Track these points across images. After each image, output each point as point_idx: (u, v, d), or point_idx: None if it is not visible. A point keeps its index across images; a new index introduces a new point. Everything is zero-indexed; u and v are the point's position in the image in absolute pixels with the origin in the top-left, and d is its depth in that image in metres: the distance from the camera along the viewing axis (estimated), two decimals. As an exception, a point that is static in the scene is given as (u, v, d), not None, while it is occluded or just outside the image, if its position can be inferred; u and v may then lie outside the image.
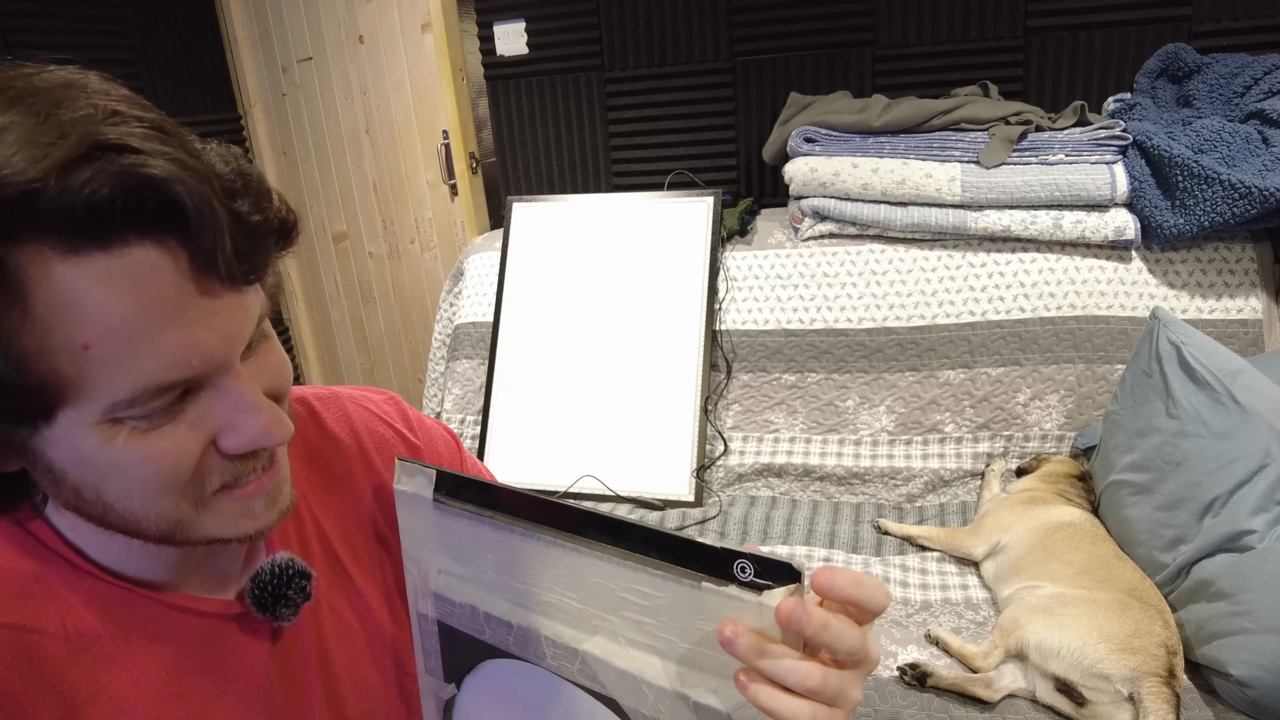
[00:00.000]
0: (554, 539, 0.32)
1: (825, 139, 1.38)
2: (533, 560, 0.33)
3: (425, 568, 0.38)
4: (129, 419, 0.30)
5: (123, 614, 0.36)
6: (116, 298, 0.28)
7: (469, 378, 1.51)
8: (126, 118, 0.28)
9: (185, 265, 0.29)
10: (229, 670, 0.39)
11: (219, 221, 0.29)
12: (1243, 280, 1.23)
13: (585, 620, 0.32)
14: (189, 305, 0.29)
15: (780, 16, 1.59)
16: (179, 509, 0.33)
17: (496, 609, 0.35)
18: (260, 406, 0.33)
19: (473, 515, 0.35)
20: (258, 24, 2.07)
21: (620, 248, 1.46)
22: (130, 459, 0.31)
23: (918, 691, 0.88)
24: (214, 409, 0.32)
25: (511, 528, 0.33)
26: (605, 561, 0.30)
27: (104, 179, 0.26)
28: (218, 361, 0.31)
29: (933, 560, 1.14)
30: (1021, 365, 1.27)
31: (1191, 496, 0.93)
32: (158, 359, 0.29)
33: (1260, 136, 1.19)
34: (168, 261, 0.29)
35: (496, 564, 0.34)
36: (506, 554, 0.34)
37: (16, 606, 0.33)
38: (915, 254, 1.34)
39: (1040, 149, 1.28)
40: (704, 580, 0.28)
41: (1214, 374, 0.95)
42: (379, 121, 2.05)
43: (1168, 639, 0.85)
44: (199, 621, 0.38)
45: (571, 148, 1.80)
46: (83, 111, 0.27)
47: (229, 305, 0.31)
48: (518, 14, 1.73)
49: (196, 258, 0.29)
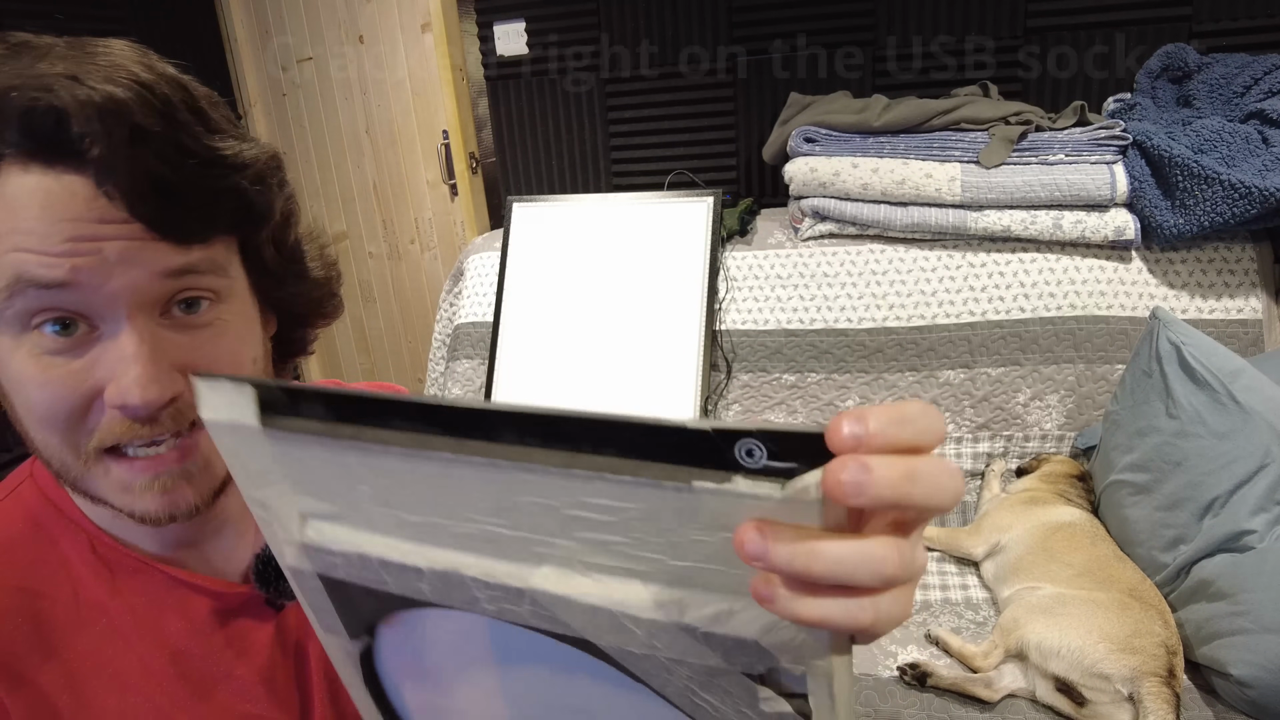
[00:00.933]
0: (452, 455, 0.21)
1: (825, 139, 1.38)
2: (426, 485, 0.23)
3: (279, 513, 0.27)
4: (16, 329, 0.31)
5: (131, 587, 0.37)
6: (29, 202, 0.30)
7: (469, 378, 1.51)
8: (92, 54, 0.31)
9: (93, 193, 0.31)
10: (232, 653, 0.39)
11: (115, 160, 0.30)
12: (1243, 280, 1.23)
13: (525, 548, 0.23)
14: (81, 222, 0.31)
15: (780, 16, 1.59)
16: (63, 450, 0.33)
17: (394, 553, 0.25)
18: (138, 359, 0.32)
19: (326, 440, 0.23)
20: (257, 23, 2.06)
21: (620, 248, 1.46)
22: (23, 375, 0.32)
23: (918, 691, 0.88)
24: (106, 357, 0.32)
25: (385, 448, 0.22)
26: (537, 474, 0.20)
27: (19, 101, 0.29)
28: (102, 292, 0.31)
29: (933, 560, 1.14)
30: (1021, 365, 1.27)
31: (1191, 496, 0.93)
32: (29, 254, 0.30)
33: (1260, 136, 1.19)
34: (87, 189, 0.30)
35: (377, 496, 0.24)
36: (389, 483, 0.23)
37: (32, 571, 0.34)
38: (915, 254, 1.34)
39: (1040, 149, 1.28)
40: (695, 478, 0.19)
41: (1214, 374, 0.95)
42: (379, 121, 2.05)
43: (1168, 639, 0.86)
44: (204, 600, 0.38)
45: (571, 148, 1.80)
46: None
47: (136, 249, 0.31)
48: (518, 14, 1.73)
49: (99, 185, 0.30)
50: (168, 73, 0.33)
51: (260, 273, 0.39)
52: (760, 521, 0.18)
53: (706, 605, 0.21)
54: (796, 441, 0.18)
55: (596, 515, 0.21)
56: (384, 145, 2.07)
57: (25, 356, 0.32)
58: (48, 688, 0.34)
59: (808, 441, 0.18)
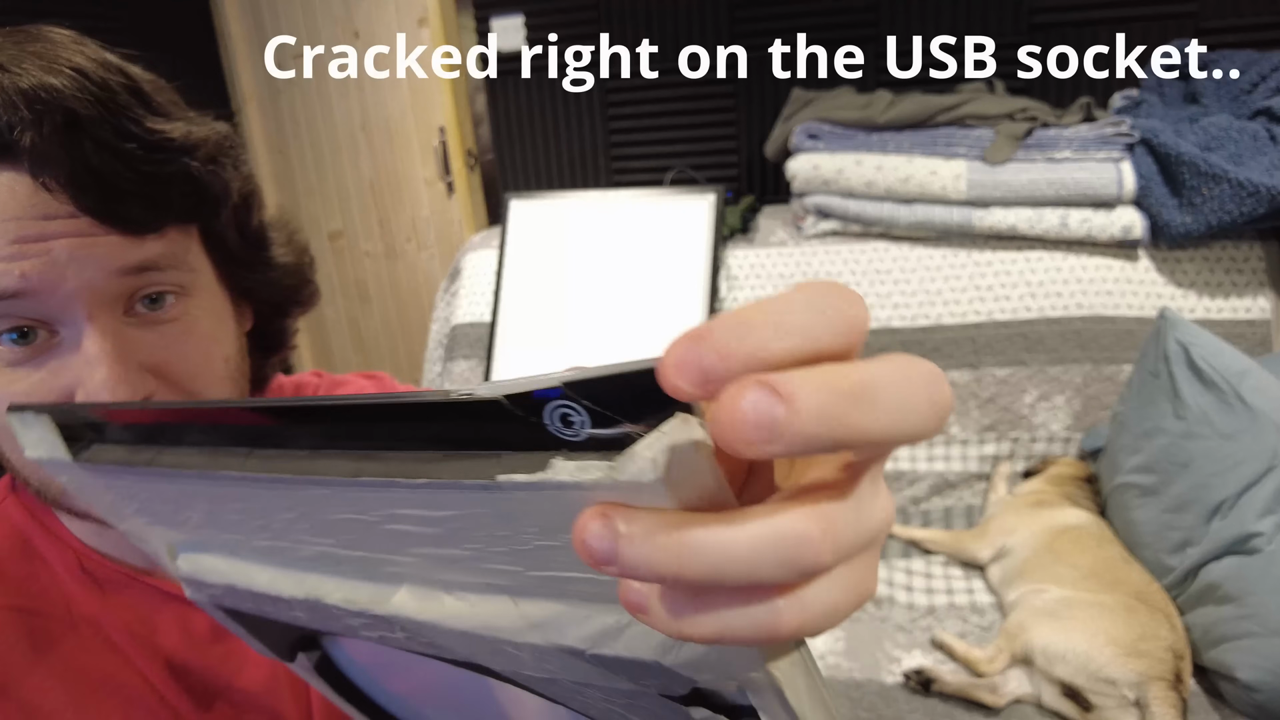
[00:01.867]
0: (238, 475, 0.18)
1: (829, 135, 1.36)
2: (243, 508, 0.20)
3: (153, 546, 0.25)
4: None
5: (123, 602, 0.36)
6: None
7: (466, 378, 1.50)
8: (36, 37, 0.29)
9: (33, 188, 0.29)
10: (232, 664, 0.38)
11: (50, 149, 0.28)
12: (1251, 280, 1.22)
13: (375, 568, 0.19)
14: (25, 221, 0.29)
15: (783, 12, 1.57)
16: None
17: (259, 581, 0.22)
18: (101, 359, 0.30)
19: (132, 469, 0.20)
20: (252, 19, 2.04)
21: (620, 246, 1.45)
22: None
23: (922, 697, 0.87)
24: (70, 362, 0.31)
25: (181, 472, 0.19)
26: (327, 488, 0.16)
27: None
28: (57, 295, 0.30)
29: (938, 564, 1.13)
30: (1028, 365, 1.26)
31: (1199, 498, 0.92)
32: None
33: (1268, 134, 1.18)
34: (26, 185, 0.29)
35: (212, 521, 0.21)
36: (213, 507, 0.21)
37: (24, 588, 0.34)
38: (920, 252, 1.33)
39: (1046, 146, 1.27)
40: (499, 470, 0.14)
41: (1222, 375, 0.94)
42: (375, 119, 2.03)
43: (1175, 643, 0.85)
44: (200, 613, 0.37)
45: (570, 144, 1.79)
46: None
47: (87, 245, 0.30)
48: (516, 8, 1.71)
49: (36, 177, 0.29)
50: (107, 59, 0.31)
51: (225, 261, 0.37)
52: (603, 508, 0.13)
53: (586, 622, 0.16)
54: (622, 391, 0.12)
55: (416, 528, 0.16)
56: (380, 143, 2.05)
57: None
58: (49, 707, 0.33)
59: (637, 388, 0.12)
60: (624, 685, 0.18)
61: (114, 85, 0.30)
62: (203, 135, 0.33)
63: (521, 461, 0.13)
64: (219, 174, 0.34)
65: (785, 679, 0.14)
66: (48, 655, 0.33)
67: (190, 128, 0.32)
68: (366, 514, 0.17)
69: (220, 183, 0.34)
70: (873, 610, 1.04)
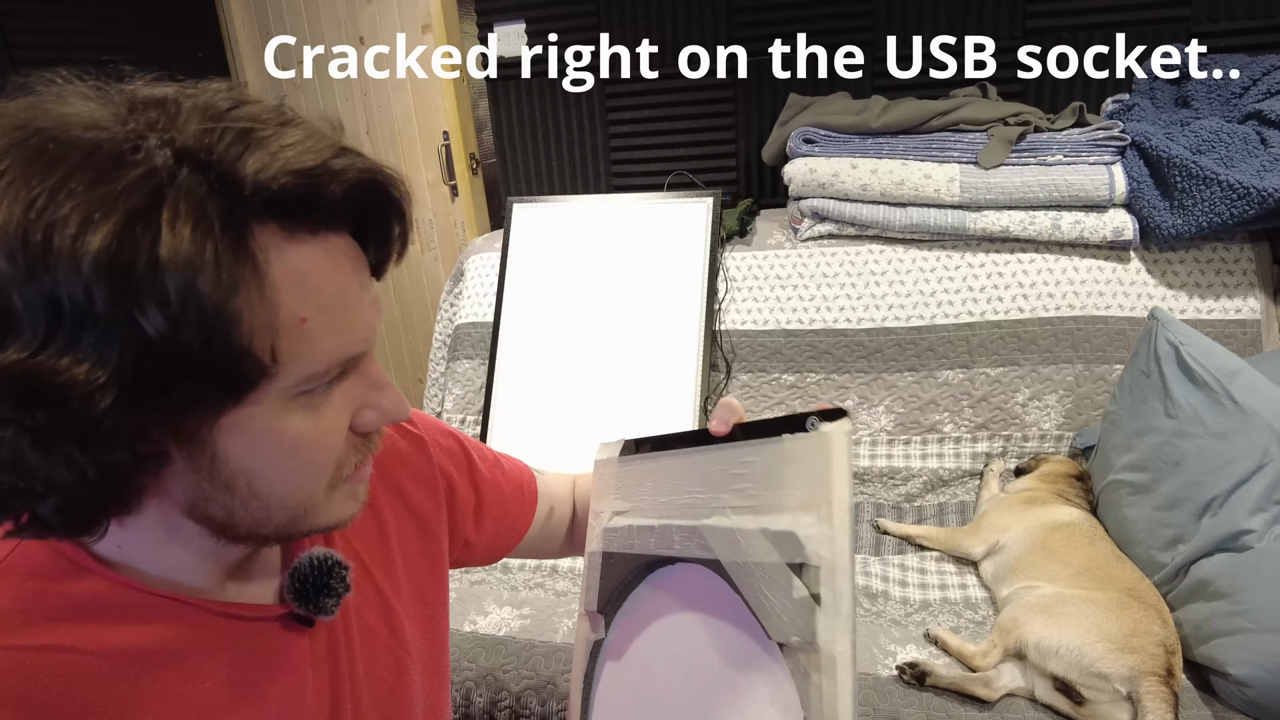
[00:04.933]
0: (693, 450, 0.44)
1: (824, 140, 1.38)
2: (678, 473, 0.44)
3: (601, 516, 0.48)
4: (307, 394, 0.32)
5: (167, 626, 0.36)
6: (329, 276, 0.32)
7: (469, 378, 1.52)
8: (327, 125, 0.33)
9: (357, 253, 0.34)
10: (270, 673, 0.39)
11: (410, 220, 0.34)
12: (1241, 280, 1.23)
13: (706, 507, 0.41)
14: (362, 288, 0.34)
15: (780, 18, 1.59)
16: (317, 493, 0.35)
17: (645, 521, 0.45)
18: (391, 385, 0.36)
19: (645, 457, 0.47)
20: (258, 24, 2.07)
21: (620, 248, 1.46)
22: (299, 437, 0.33)
23: (916, 690, 0.88)
24: (355, 388, 0.35)
25: (671, 454, 0.45)
26: (722, 450, 0.42)
27: (353, 174, 0.31)
28: (372, 342, 0.35)
29: (931, 560, 1.14)
30: (1020, 365, 1.27)
31: (1190, 496, 0.93)
32: (349, 333, 0.33)
33: (1258, 137, 1.19)
34: (352, 249, 0.33)
35: (652, 488, 0.45)
36: (659, 477, 0.45)
37: (50, 629, 0.33)
38: (914, 254, 1.34)
39: (1039, 150, 1.28)
40: (785, 435, 0.38)
41: (1212, 374, 0.95)
42: (379, 122, 2.06)
43: (1166, 638, 0.86)
44: (244, 626, 0.38)
45: (571, 149, 1.81)
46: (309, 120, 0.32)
47: (374, 292, 0.35)
48: (518, 15, 1.74)
49: (380, 248, 0.34)
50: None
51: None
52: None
53: (777, 517, 0.37)
54: (831, 412, 0.37)
55: (743, 470, 0.40)
56: (384, 146, 2.07)
57: (299, 419, 0.32)
58: None
59: (834, 412, 0.37)
60: (774, 558, 0.37)
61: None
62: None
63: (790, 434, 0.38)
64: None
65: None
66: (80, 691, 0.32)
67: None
68: (726, 464, 0.41)
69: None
70: (868, 605, 1.05)
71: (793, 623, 0.34)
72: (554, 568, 1.19)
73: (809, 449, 0.37)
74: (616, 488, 0.48)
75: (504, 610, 1.09)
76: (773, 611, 0.36)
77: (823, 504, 0.35)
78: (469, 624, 1.06)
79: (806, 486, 0.36)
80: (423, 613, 0.49)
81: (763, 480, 0.38)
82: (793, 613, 0.34)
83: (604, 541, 0.47)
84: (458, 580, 1.19)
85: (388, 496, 0.48)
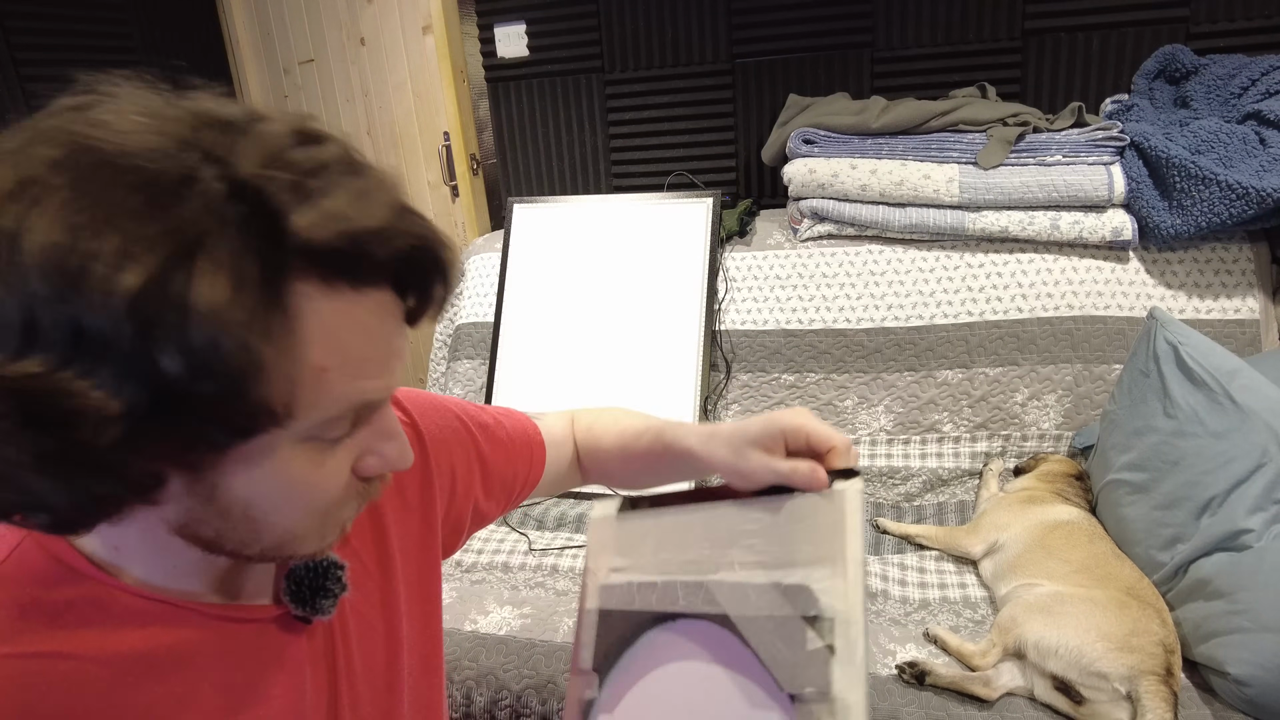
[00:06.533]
0: (698, 508, 0.44)
1: (824, 140, 1.38)
2: (682, 530, 0.44)
3: (598, 574, 0.48)
4: (315, 439, 0.32)
5: (165, 630, 0.36)
6: (360, 330, 0.31)
7: (470, 378, 1.52)
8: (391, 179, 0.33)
9: (398, 308, 0.34)
10: (270, 675, 0.39)
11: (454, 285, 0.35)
12: (1240, 280, 1.23)
13: (713, 563, 0.42)
14: (392, 339, 0.33)
15: (779, 19, 1.59)
16: (311, 526, 0.35)
17: (646, 577, 0.45)
18: (400, 435, 0.36)
19: (645, 514, 0.46)
20: (259, 26, 2.07)
21: (620, 249, 1.47)
22: (301, 479, 0.33)
23: (916, 690, 0.89)
24: (364, 434, 0.35)
25: (674, 511, 0.45)
26: (729, 507, 0.42)
27: (402, 242, 0.31)
28: (393, 389, 0.35)
29: (931, 559, 1.14)
30: (1019, 365, 1.27)
31: (1189, 496, 0.93)
32: (369, 382, 0.33)
33: (1257, 137, 1.20)
34: (390, 301, 0.33)
35: (654, 545, 0.45)
36: (660, 534, 0.45)
37: (48, 635, 0.33)
38: (913, 254, 1.35)
39: (1038, 150, 1.28)
40: (795, 493, 0.40)
41: (1211, 374, 0.95)
42: (380, 123, 2.06)
43: (1165, 637, 0.86)
44: (242, 628, 0.38)
45: (572, 149, 1.81)
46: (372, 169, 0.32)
47: (404, 341, 0.35)
48: (518, 16, 1.74)
49: (420, 304, 0.34)
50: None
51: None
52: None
53: (790, 571, 0.38)
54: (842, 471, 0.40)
55: (752, 526, 0.41)
56: (385, 147, 2.08)
57: (304, 461, 0.32)
58: None
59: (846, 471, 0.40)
60: (787, 611, 0.37)
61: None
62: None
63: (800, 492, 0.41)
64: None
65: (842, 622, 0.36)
66: (81, 697, 0.33)
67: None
68: (734, 520, 0.42)
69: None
70: (867, 604, 1.05)
71: (807, 673, 0.35)
72: (554, 567, 1.19)
73: (821, 507, 0.38)
74: (615, 545, 0.47)
75: (504, 610, 1.09)
76: (785, 663, 0.36)
77: (837, 559, 0.36)
78: (469, 623, 1.06)
79: (818, 542, 0.37)
80: (420, 609, 0.49)
81: (772, 536, 0.39)
82: (806, 664, 0.35)
83: (601, 598, 0.47)
84: (458, 580, 1.19)
85: (386, 493, 0.48)
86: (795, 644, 0.36)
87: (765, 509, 0.40)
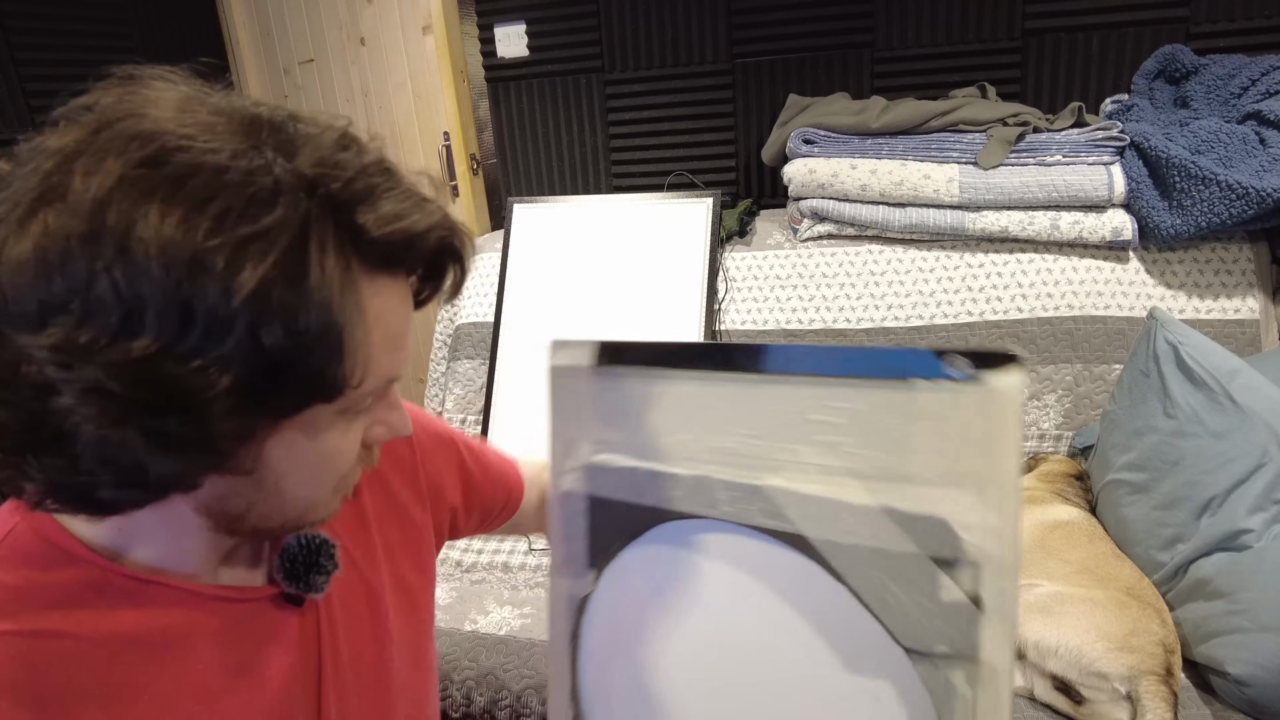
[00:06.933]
0: (733, 375, 0.31)
1: (824, 140, 1.39)
2: (708, 406, 0.32)
3: (576, 443, 0.36)
4: (351, 410, 0.35)
5: (161, 610, 0.36)
6: (395, 312, 0.35)
7: (470, 378, 1.52)
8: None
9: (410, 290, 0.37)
10: (265, 654, 0.39)
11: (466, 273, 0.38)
12: (1240, 280, 1.23)
13: (766, 458, 0.30)
14: (410, 320, 0.37)
15: (779, 19, 1.60)
16: (327, 495, 0.38)
17: (660, 465, 0.33)
18: (402, 405, 0.40)
19: (640, 373, 0.34)
20: (259, 25, 2.07)
21: (620, 249, 1.47)
22: (332, 447, 0.35)
23: (916, 690, 0.89)
24: (374, 407, 0.38)
25: (687, 375, 0.32)
26: (793, 385, 0.29)
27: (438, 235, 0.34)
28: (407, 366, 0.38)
29: (931, 560, 1.14)
30: (1019, 365, 1.27)
31: (1189, 496, 0.93)
32: (398, 360, 0.36)
33: (1257, 137, 1.20)
34: (409, 287, 0.37)
35: (664, 421, 0.33)
36: (675, 406, 0.32)
37: (45, 615, 0.33)
38: (913, 254, 1.35)
39: (1038, 150, 1.28)
40: (917, 381, 0.26)
41: (1211, 374, 0.95)
42: (380, 123, 2.06)
43: (1165, 637, 0.86)
44: (237, 608, 0.39)
45: (572, 149, 1.81)
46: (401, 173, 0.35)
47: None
48: (518, 16, 1.74)
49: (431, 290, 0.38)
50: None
51: None
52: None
53: (910, 491, 0.28)
54: (988, 355, 0.26)
55: (832, 418, 0.29)
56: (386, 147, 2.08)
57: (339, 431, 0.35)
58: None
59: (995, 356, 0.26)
60: (909, 548, 0.28)
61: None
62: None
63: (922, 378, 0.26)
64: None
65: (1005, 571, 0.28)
66: (77, 675, 0.33)
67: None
68: (799, 405, 0.29)
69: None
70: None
71: (940, 629, 0.27)
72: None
73: (962, 406, 0.26)
74: (594, 410, 0.35)
75: (504, 609, 1.09)
76: (906, 613, 0.28)
77: (986, 484, 0.26)
78: (469, 623, 1.06)
79: (955, 455, 0.27)
80: (405, 601, 0.49)
81: (872, 435, 0.28)
82: (940, 617, 0.27)
83: (590, 483, 0.36)
84: (458, 580, 1.19)
85: (369, 486, 0.49)
86: (923, 591, 0.28)
87: (861, 393, 0.28)
